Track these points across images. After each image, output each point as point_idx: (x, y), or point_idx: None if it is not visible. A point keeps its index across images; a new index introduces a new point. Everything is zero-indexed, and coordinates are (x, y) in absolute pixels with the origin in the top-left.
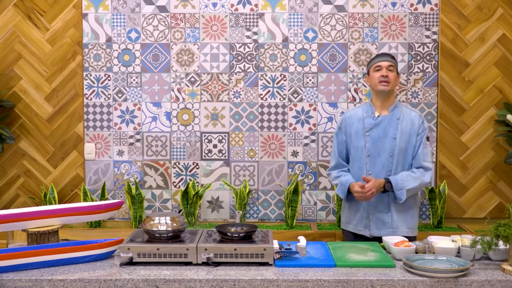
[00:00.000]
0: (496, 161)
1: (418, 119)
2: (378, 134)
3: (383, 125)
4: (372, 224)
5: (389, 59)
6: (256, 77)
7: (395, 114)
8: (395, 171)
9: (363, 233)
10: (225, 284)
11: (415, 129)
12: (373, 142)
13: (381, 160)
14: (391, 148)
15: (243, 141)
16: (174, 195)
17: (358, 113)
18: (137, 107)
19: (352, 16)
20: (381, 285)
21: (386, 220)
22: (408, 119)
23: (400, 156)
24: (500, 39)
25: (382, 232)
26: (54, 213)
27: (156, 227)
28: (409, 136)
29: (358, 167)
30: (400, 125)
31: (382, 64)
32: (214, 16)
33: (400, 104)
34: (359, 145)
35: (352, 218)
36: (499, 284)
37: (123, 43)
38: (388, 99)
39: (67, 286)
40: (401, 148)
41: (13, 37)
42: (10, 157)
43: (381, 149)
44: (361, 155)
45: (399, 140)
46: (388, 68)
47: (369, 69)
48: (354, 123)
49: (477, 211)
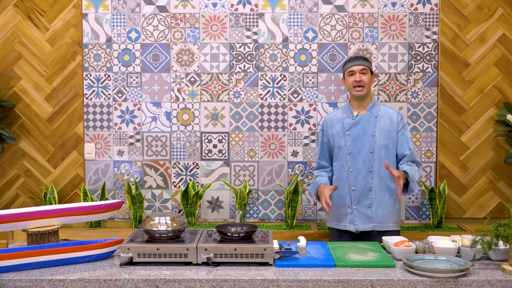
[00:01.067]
0: (496, 161)
1: (397, 116)
2: (357, 132)
3: (361, 124)
4: (356, 219)
5: (361, 63)
6: (256, 77)
7: (372, 113)
8: (377, 167)
9: (348, 229)
10: (225, 284)
11: (394, 126)
12: (353, 140)
13: (362, 157)
14: (370, 145)
15: (243, 141)
16: (174, 195)
17: (338, 114)
18: (137, 107)
19: (352, 16)
20: (381, 285)
21: (369, 214)
22: (386, 116)
23: (381, 152)
24: (500, 39)
25: (366, 226)
26: (54, 213)
27: (156, 227)
28: (388, 133)
29: (340, 165)
30: (379, 122)
31: (354, 69)
32: (214, 16)
33: (378, 102)
34: (341, 144)
35: (336, 215)
36: (499, 284)
37: (123, 43)
38: (365, 99)
39: (67, 286)
40: (381, 144)
41: (13, 37)
42: (10, 157)
43: (361, 146)
44: (343, 154)
45: (378, 137)
46: (361, 72)
47: (344, 73)
48: (335, 124)
49: (477, 211)
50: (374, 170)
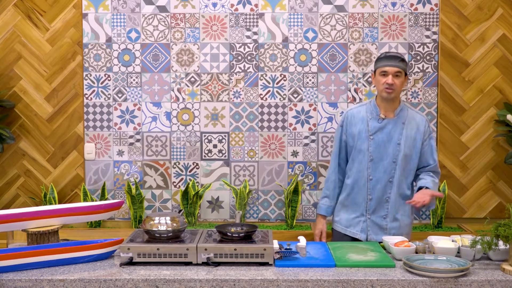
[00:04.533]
0: (496, 161)
1: (424, 124)
2: (382, 138)
3: (387, 129)
4: (370, 229)
5: (397, 64)
6: (256, 77)
7: (400, 118)
8: (397, 177)
9: (358, 237)
10: (225, 284)
11: (421, 135)
12: (377, 146)
13: (383, 165)
14: (394, 153)
15: (243, 141)
16: (174, 195)
17: (362, 112)
18: (137, 107)
19: (352, 16)
20: (381, 285)
21: (384, 225)
22: (413, 123)
23: (403, 162)
24: (500, 39)
25: (378, 238)
26: (54, 213)
27: (156, 227)
28: (413, 141)
29: (358, 170)
30: (405, 129)
31: (388, 70)
32: (214, 16)
33: (405, 105)
34: (362, 147)
35: (346, 220)
36: (499, 284)
37: (123, 43)
38: (393, 102)
39: (67, 286)
40: (405, 153)
41: (13, 37)
42: (10, 157)
43: (384, 154)
44: (363, 159)
45: (403, 145)
46: (395, 75)
47: (376, 69)
48: (357, 123)
49: (477, 211)
50: (394, 180)
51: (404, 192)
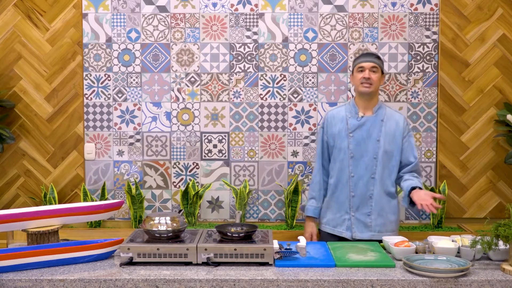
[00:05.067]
0: (496, 161)
1: (403, 121)
2: (361, 135)
3: (366, 126)
4: (354, 227)
5: (373, 60)
6: (256, 77)
7: (379, 115)
8: (379, 173)
9: (344, 235)
10: (225, 284)
11: (400, 131)
12: (357, 143)
13: (364, 162)
14: (374, 150)
15: (243, 141)
16: (174, 195)
17: (341, 112)
18: (137, 107)
19: (352, 16)
20: (381, 285)
21: (368, 223)
22: (392, 120)
23: (384, 158)
24: (500, 39)
25: (364, 235)
26: (54, 213)
27: (156, 227)
28: (393, 138)
29: (340, 168)
30: (384, 126)
31: (365, 65)
32: (214, 16)
33: (384, 104)
34: (342, 146)
35: (331, 219)
36: (499, 284)
37: (123, 43)
38: (371, 99)
39: (67, 286)
40: (385, 150)
41: (13, 37)
42: (10, 157)
43: (364, 151)
44: (344, 157)
45: (383, 142)
46: (371, 70)
47: (353, 68)
48: (337, 123)
49: (477, 211)
50: (376, 176)
51: (388, 189)
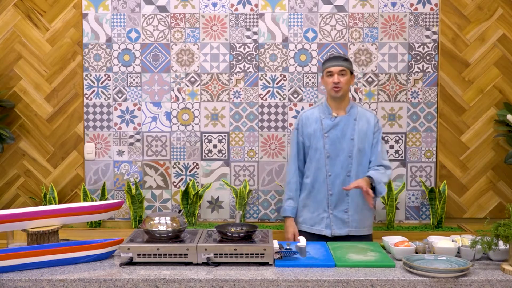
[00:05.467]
0: (496, 161)
1: (374, 119)
2: (336, 135)
3: (341, 126)
4: (333, 224)
5: (341, 63)
6: (256, 77)
7: (351, 115)
8: (354, 171)
9: (323, 233)
10: (225, 284)
11: (371, 128)
12: (332, 143)
13: (340, 161)
14: (349, 148)
15: (243, 141)
16: (174, 195)
17: (315, 113)
18: (137, 107)
19: (352, 16)
20: (381, 285)
21: (346, 219)
22: (364, 119)
23: (358, 156)
24: (500, 39)
25: (342, 231)
26: (54, 213)
27: (156, 227)
28: (365, 135)
29: (317, 168)
30: (357, 125)
31: (333, 70)
32: (214, 16)
33: (355, 104)
34: (318, 146)
35: (309, 218)
36: (499, 284)
37: (123, 43)
38: (343, 100)
39: (67, 286)
40: (359, 148)
41: (13, 37)
42: (10, 157)
43: (340, 150)
44: (320, 156)
45: (357, 140)
46: (340, 73)
47: (323, 71)
48: (312, 123)
49: (477, 211)
50: (352, 174)
51: None
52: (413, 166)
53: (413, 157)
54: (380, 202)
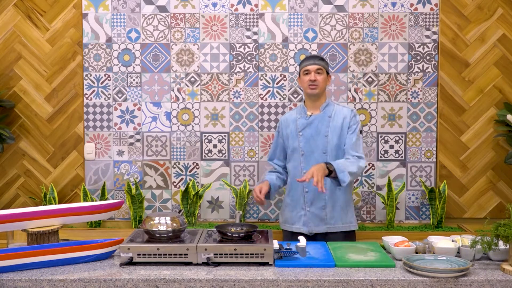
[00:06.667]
0: (496, 161)
1: (350, 113)
2: (310, 133)
3: (315, 124)
4: (310, 221)
5: (317, 62)
6: (256, 77)
7: (326, 112)
8: None
9: (302, 231)
10: (225, 284)
11: (347, 122)
12: (306, 141)
13: (315, 158)
14: (323, 145)
15: (243, 141)
16: (174, 195)
17: (293, 115)
18: (137, 107)
19: (352, 16)
20: (381, 285)
21: (323, 216)
22: (340, 115)
23: (334, 153)
24: (500, 39)
25: (319, 228)
26: (54, 213)
27: (156, 227)
28: (340, 131)
29: (294, 166)
30: (332, 122)
31: (310, 68)
32: (214, 16)
33: (333, 102)
34: (294, 145)
35: (289, 217)
36: (499, 284)
37: (123, 43)
38: (319, 99)
39: (67, 286)
40: (334, 144)
41: (13, 37)
42: (10, 157)
43: (314, 147)
44: (296, 155)
45: (331, 137)
46: (317, 72)
47: (300, 71)
48: (289, 125)
49: (477, 211)
50: None
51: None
52: (413, 166)
53: (413, 157)
54: (380, 202)
